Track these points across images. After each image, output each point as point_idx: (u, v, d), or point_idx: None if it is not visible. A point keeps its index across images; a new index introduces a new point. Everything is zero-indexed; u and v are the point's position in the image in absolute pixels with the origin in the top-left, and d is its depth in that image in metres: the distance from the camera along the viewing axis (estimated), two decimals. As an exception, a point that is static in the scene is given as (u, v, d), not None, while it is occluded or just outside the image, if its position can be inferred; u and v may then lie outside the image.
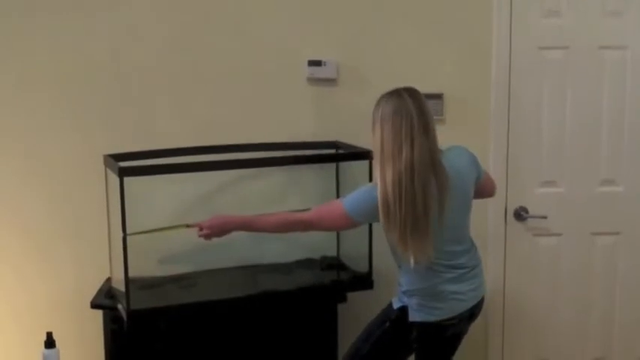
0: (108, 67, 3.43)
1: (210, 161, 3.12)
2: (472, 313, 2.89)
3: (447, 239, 2.77)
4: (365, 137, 3.37)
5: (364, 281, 3.31)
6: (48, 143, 3.44)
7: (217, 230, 2.97)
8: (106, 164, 3.10)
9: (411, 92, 2.72)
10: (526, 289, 3.77)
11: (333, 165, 3.51)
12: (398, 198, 2.59)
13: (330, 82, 3.52)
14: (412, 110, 2.65)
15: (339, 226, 2.92)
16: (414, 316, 2.83)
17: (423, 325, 2.83)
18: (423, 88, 3.49)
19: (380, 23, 3.53)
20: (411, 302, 2.84)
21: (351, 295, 3.37)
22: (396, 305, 2.91)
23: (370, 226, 3.18)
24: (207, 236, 2.97)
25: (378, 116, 2.70)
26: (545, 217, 3.70)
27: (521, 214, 3.68)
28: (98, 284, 3.36)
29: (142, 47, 3.44)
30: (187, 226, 2.99)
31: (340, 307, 3.40)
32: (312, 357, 3.35)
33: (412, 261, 2.66)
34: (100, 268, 3.34)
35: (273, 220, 2.92)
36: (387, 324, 2.93)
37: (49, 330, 2.40)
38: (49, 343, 2.39)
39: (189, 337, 3.19)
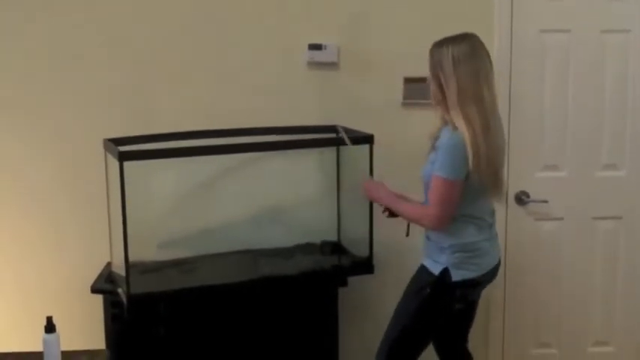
0: (108, 51, 3.41)
1: (211, 145, 3.11)
2: (493, 274, 2.93)
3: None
4: (365, 121, 3.38)
5: (365, 266, 3.31)
6: (48, 127, 3.43)
7: (369, 195, 3.06)
8: (106, 148, 3.09)
9: (477, 37, 2.76)
10: (527, 274, 3.77)
11: (333, 149, 3.50)
12: (487, 138, 2.64)
13: (330, 65, 3.51)
14: (484, 53, 2.72)
15: (456, 198, 2.72)
16: (456, 275, 2.78)
17: (465, 283, 2.81)
18: (424, 71, 3.47)
19: (381, 6, 3.51)
20: (452, 260, 2.78)
21: (352, 280, 3.37)
22: (435, 270, 2.80)
23: (371, 210, 3.17)
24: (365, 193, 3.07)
25: (449, 56, 2.68)
26: (546, 202, 3.69)
27: (522, 199, 3.67)
28: (98, 269, 3.36)
29: (143, 31, 3.42)
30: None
31: (341, 292, 3.40)
32: (313, 341, 3.36)
33: (498, 199, 2.84)
34: (100, 252, 3.34)
35: (410, 210, 2.89)
36: (428, 290, 2.82)
37: (50, 314, 2.40)
38: (50, 327, 2.38)
39: (189, 321, 3.20)
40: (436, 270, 2.80)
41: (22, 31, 3.37)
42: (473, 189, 2.72)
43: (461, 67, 2.65)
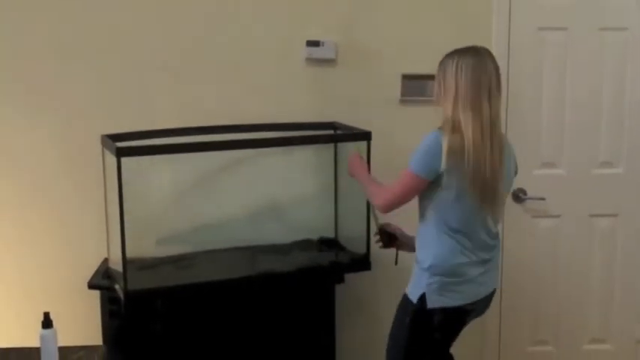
0: (106, 47, 3.41)
1: (209, 142, 3.10)
2: (485, 304, 2.85)
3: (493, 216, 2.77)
4: (363, 118, 3.38)
5: (362, 262, 3.32)
6: (49, 123, 3.43)
7: (350, 167, 3.08)
8: (104, 144, 3.09)
9: (488, 51, 2.74)
10: (524, 271, 3.77)
11: (331, 146, 3.50)
12: (478, 147, 2.58)
13: (328, 62, 3.51)
14: (491, 67, 2.68)
15: (412, 192, 2.73)
16: (434, 302, 2.70)
17: (445, 312, 2.72)
18: (422, 68, 3.51)
19: (378, 3, 3.51)
20: (432, 285, 2.70)
21: (349, 276, 3.37)
22: (414, 296, 2.74)
23: (368, 207, 3.17)
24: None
25: (453, 65, 2.67)
26: (543, 199, 3.70)
27: (519, 196, 3.68)
28: (95, 265, 3.35)
29: (142, 27, 3.42)
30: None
31: (338, 288, 3.41)
32: (310, 337, 3.36)
33: (494, 217, 2.73)
34: (97, 248, 3.34)
35: (371, 188, 2.92)
36: (407, 320, 2.77)
37: (47, 310, 2.40)
38: (47, 323, 2.38)
39: (187, 317, 3.20)
40: (414, 297, 2.74)
41: (23, 28, 3.37)
42: (455, 198, 2.64)
43: (462, 75, 2.64)
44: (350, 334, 3.65)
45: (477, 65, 2.65)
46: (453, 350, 2.90)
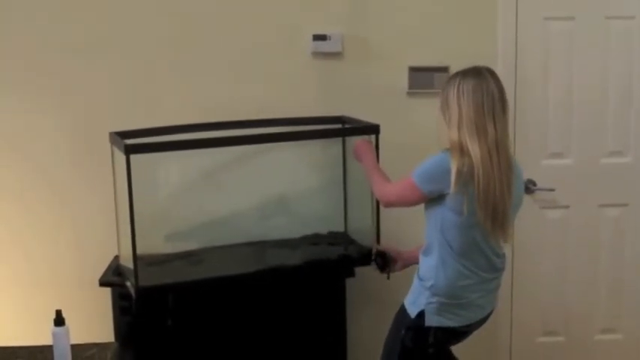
0: (113, 44, 3.42)
1: (217, 138, 3.10)
2: (482, 322, 2.85)
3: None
4: (370, 111, 3.38)
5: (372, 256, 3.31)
6: (57, 120, 3.44)
7: (357, 152, 3.09)
8: (112, 142, 3.09)
9: (491, 71, 2.68)
10: (534, 262, 3.77)
11: (339, 140, 3.50)
12: (486, 171, 2.54)
13: (335, 56, 3.50)
14: (494, 89, 2.62)
15: (410, 201, 2.74)
16: (432, 320, 2.71)
17: (442, 330, 2.73)
18: (428, 61, 3.51)
19: (385, -4, 3.52)
20: (431, 304, 2.70)
21: (359, 270, 3.37)
22: (412, 312, 2.75)
23: (377, 200, 3.17)
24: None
25: (455, 89, 2.63)
26: (552, 190, 3.69)
27: (528, 187, 3.67)
28: (106, 262, 3.36)
29: (148, 23, 3.42)
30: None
31: (348, 282, 3.41)
32: (321, 332, 3.37)
33: (504, 239, 2.69)
34: (107, 245, 3.34)
35: (375, 179, 2.93)
36: (402, 332, 2.78)
37: (59, 308, 2.41)
38: (59, 320, 2.39)
39: (198, 313, 3.21)
40: (412, 312, 2.75)
41: (34, 27, 3.38)
42: (463, 221, 2.61)
43: (464, 98, 2.60)
44: (361, 328, 3.65)
45: (479, 87, 2.60)
46: (465, 342, 2.90)
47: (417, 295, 2.76)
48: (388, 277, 3.11)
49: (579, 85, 3.64)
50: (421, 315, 2.72)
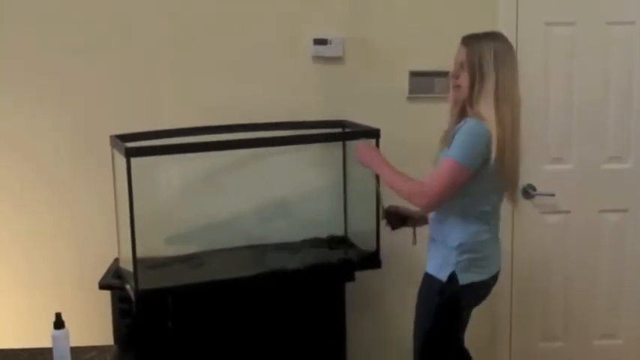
0: (113, 44, 3.42)
1: (217, 141, 3.10)
2: (496, 280, 2.89)
3: None
4: (371, 115, 3.38)
5: (372, 260, 3.31)
6: (57, 122, 3.44)
7: (360, 156, 2.90)
8: (113, 145, 3.10)
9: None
10: (534, 267, 3.77)
11: (339, 144, 3.50)
12: (513, 139, 2.62)
13: (336, 60, 3.51)
14: (515, 54, 2.71)
15: (459, 185, 2.63)
16: (464, 279, 2.72)
17: (473, 287, 2.76)
18: (429, 65, 3.51)
19: (385, 0, 3.51)
20: (461, 262, 2.72)
21: (359, 274, 3.37)
22: (442, 275, 2.74)
23: (378, 204, 3.17)
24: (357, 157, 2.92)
25: (490, 54, 2.63)
26: (552, 195, 3.69)
27: (528, 192, 3.67)
28: (106, 265, 3.36)
29: (150, 26, 3.43)
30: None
31: (348, 286, 3.40)
32: (321, 335, 3.36)
33: (513, 201, 2.81)
34: (107, 248, 3.34)
35: (402, 184, 2.73)
36: (436, 300, 2.76)
37: (58, 311, 2.41)
38: (58, 323, 2.39)
39: (198, 316, 3.20)
40: (443, 276, 2.74)
41: (34, 28, 3.39)
42: (490, 186, 2.69)
43: (501, 65, 2.62)
44: (360, 332, 3.65)
45: (510, 53, 2.66)
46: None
47: (444, 259, 2.76)
48: (414, 243, 3.03)
49: (580, 90, 3.64)
50: (453, 276, 2.73)
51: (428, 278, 2.82)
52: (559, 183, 3.70)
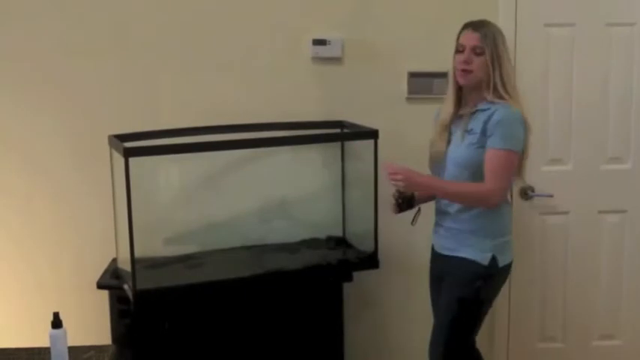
0: (113, 45, 3.42)
1: (216, 141, 3.11)
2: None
3: None
4: (370, 116, 3.38)
5: (370, 260, 3.32)
6: (56, 122, 3.45)
7: (408, 183, 2.80)
8: (111, 144, 3.10)
9: None
10: (532, 268, 3.77)
11: (338, 145, 3.50)
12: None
13: (335, 61, 3.51)
14: None
15: (514, 170, 2.76)
16: (502, 261, 2.82)
17: (509, 268, 2.89)
18: (428, 66, 3.51)
19: (384, 1, 3.51)
20: (498, 246, 2.81)
21: (357, 275, 3.37)
22: (482, 259, 2.79)
23: (376, 205, 3.17)
24: (397, 181, 2.79)
25: (503, 44, 2.76)
26: (551, 196, 3.69)
27: (527, 193, 3.67)
28: (104, 264, 3.37)
29: (148, 26, 3.43)
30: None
31: (346, 287, 3.41)
32: (319, 336, 3.37)
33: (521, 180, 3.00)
34: (106, 248, 3.35)
35: (466, 190, 2.77)
36: (478, 283, 2.80)
37: (56, 310, 2.41)
38: (56, 323, 2.39)
39: (195, 316, 3.21)
40: (485, 260, 2.79)
41: (34, 28, 3.39)
42: (518, 167, 2.81)
43: (508, 53, 2.76)
44: (358, 333, 3.65)
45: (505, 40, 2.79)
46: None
47: (481, 244, 2.80)
48: (414, 223, 3.03)
49: (579, 92, 3.64)
50: (494, 259, 2.79)
51: (464, 262, 2.82)
52: (558, 184, 3.69)
